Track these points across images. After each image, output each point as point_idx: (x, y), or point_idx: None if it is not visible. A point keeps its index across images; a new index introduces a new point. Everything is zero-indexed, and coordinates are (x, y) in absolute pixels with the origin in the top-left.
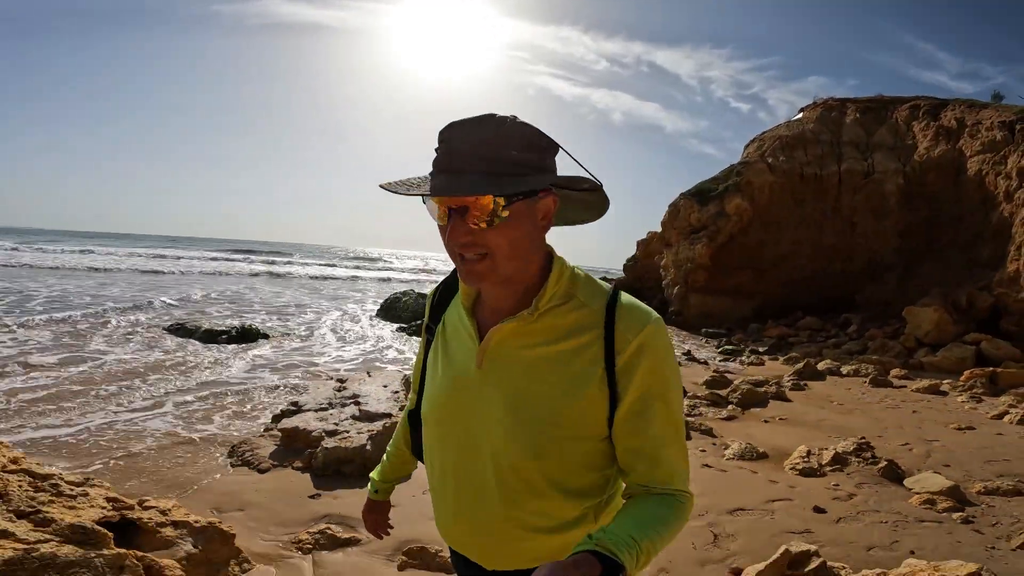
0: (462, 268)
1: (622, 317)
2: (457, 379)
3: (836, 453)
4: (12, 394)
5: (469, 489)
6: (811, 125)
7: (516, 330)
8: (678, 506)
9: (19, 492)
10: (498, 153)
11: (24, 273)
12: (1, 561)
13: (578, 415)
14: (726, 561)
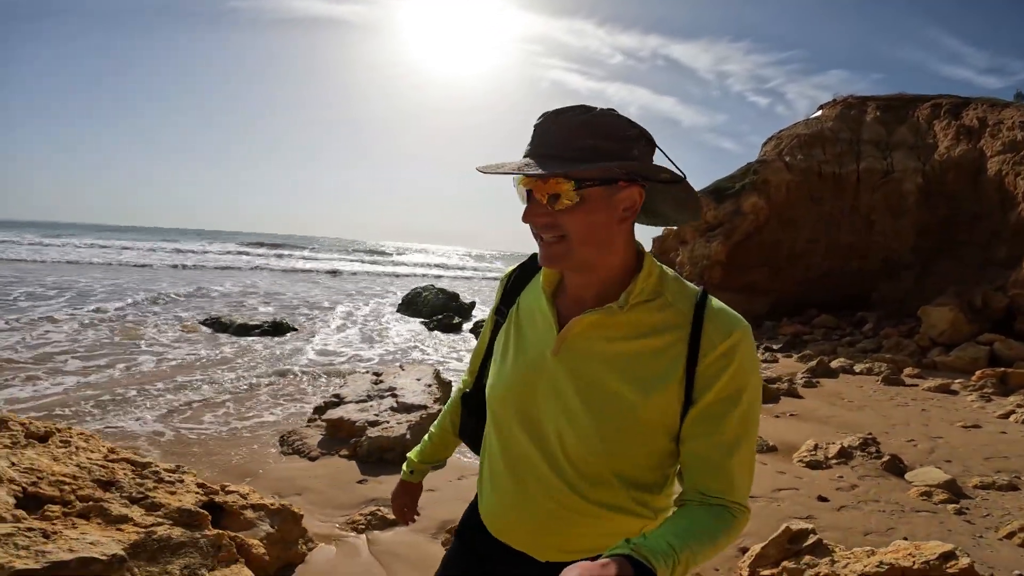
0: (541, 250)
1: (711, 319)
2: (530, 364)
3: (842, 447)
4: (77, 390)
5: (532, 477)
6: (830, 123)
7: (598, 322)
8: (729, 518)
9: (128, 480)
10: (576, 139)
11: (52, 268)
12: (129, 544)
13: (652, 414)
14: (735, 542)
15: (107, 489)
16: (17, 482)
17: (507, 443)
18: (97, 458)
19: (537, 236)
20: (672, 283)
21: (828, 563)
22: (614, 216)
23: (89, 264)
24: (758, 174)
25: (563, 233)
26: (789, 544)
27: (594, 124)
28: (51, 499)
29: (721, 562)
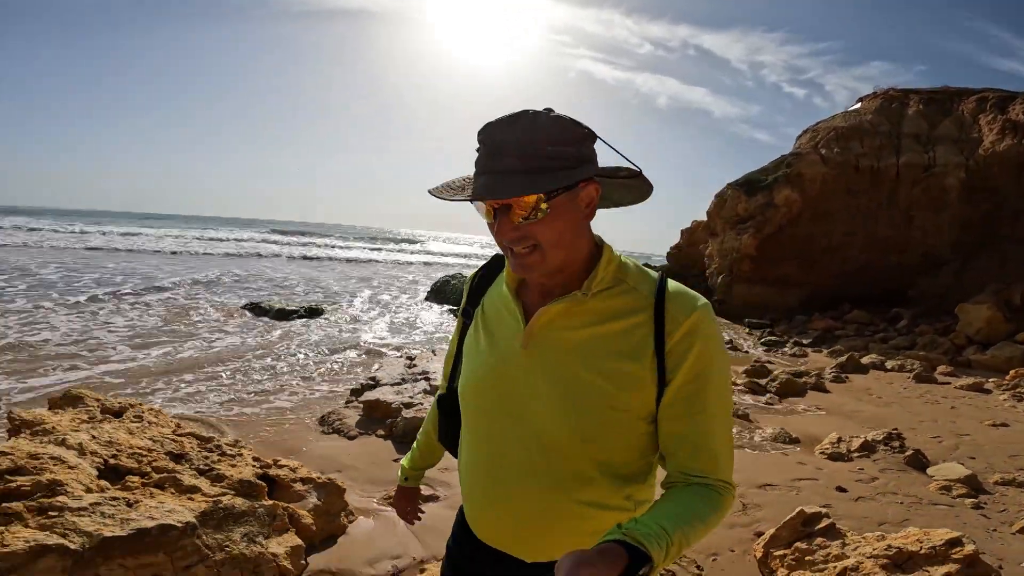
0: (513, 261)
1: (672, 300)
2: (500, 360)
3: (865, 441)
4: (135, 371)
5: (510, 473)
6: (869, 116)
7: (564, 311)
8: (716, 497)
9: (195, 453)
10: (535, 150)
11: (95, 256)
12: (199, 512)
13: (627, 396)
14: (751, 526)
15: (178, 461)
16: (99, 455)
17: (482, 442)
18: (167, 432)
19: (506, 249)
20: (633, 269)
21: (839, 546)
22: (578, 216)
23: (132, 252)
24: (792, 167)
25: (535, 243)
26: (802, 527)
27: (547, 131)
28: (130, 470)
29: (736, 544)
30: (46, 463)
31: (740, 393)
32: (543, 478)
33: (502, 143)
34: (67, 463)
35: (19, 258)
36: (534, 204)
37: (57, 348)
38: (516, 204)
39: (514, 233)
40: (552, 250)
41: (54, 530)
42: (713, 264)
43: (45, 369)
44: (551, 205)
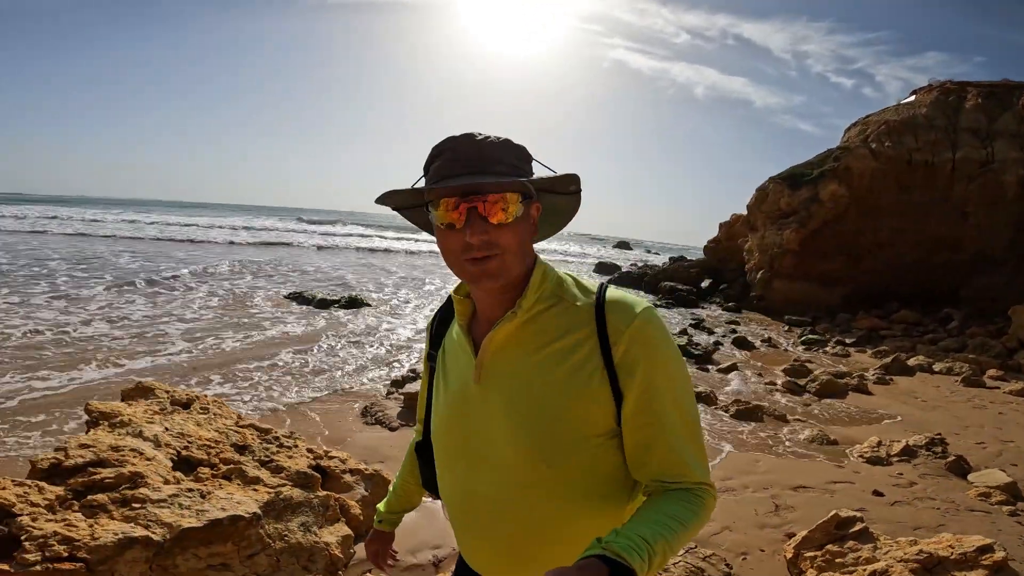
0: (473, 270)
1: (612, 309)
2: (457, 397)
3: (906, 445)
4: (186, 362)
5: (485, 508)
6: (924, 109)
7: (508, 339)
8: (696, 500)
9: (257, 444)
10: (508, 157)
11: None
12: (263, 503)
13: (583, 413)
14: (783, 527)
15: (242, 453)
16: (172, 446)
17: (456, 483)
18: (230, 424)
19: (465, 260)
20: (570, 285)
21: (870, 549)
22: (530, 230)
23: (163, 241)
24: (839, 161)
25: (499, 250)
26: (835, 530)
27: (510, 147)
28: (200, 462)
29: (766, 544)
30: (127, 455)
31: (778, 392)
32: (517, 511)
33: (477, 152)
34: (145, 455)
35: (97, 247)
36: (512, 206)
37: (118, 340)
38: (494, 208)
39: (484, 236)
40: (512, 258)
41: (138, 522)
42: (752, 259)
43: (120, 357)
44: (519, 211)
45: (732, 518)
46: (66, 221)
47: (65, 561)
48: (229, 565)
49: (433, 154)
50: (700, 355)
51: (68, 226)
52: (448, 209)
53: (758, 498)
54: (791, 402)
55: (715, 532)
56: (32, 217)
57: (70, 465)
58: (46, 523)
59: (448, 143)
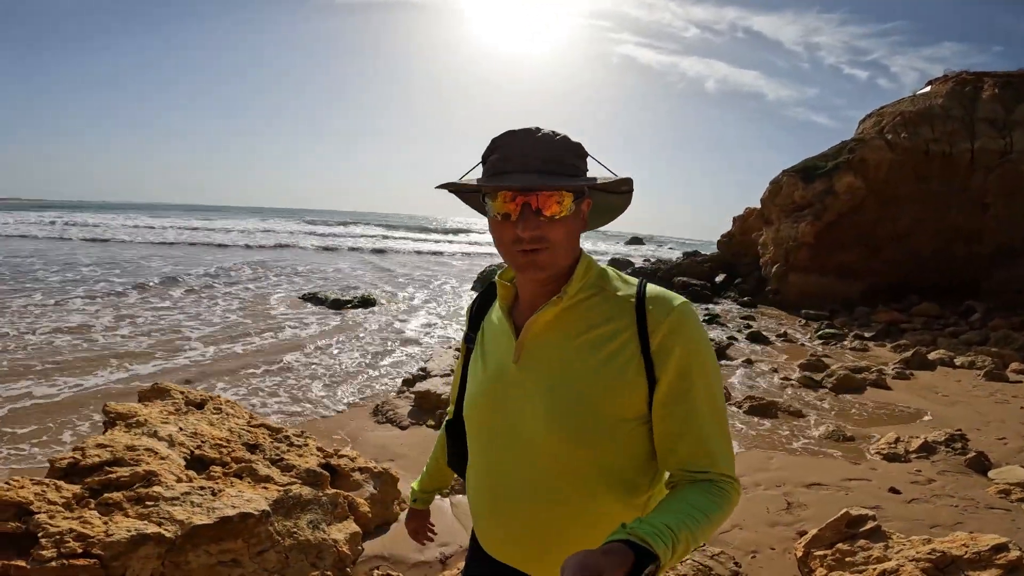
0: (522, 260)
1: (652, 302)
2: (496, 378)
3: (925, 441)
4: (204, 364)
5: (512, 488)
6: (940, 100)
7: (550, 323)
8: (720, 493)
9: (267, 443)
10: (563, 157)
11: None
12: (272, 501)
13: (617, 398)
14: (795, 525)
15: (253, 451)
16: (186, 446)
17: (484, 461)
18: (242, 423)
19: (516, 250)
20: (613, 277)
21: (882, 548)
22: (580, 224)
23: (181, 245)
24: (854, 152)
25: (548, 244)
26: (846, 528)
27: (569, 144)
28: (212, 460)
29: (777, 542)
30: (142, 454)
31: (793, 388)
32: (545, 492)
33: (534, 146)
34: (159, 454)
35: (127, 252)
36: (567, 202)
37: (142, 340)
38: (549, 201)
39: (536, 231)
40: (562, 251)
41: (151, 519)
42: (767, 253)
43: (145, 358)
44: (571, 209)
45: (743, 516)
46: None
47: (80, 558)
48: (239, 561)
49: (491, 147)
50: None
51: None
52: (505, 201)
53: (770, 495)
54: (807, 397)
55: (725, 530)
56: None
57: (87, 464)
58: (63, 521)
59: (507, 138)
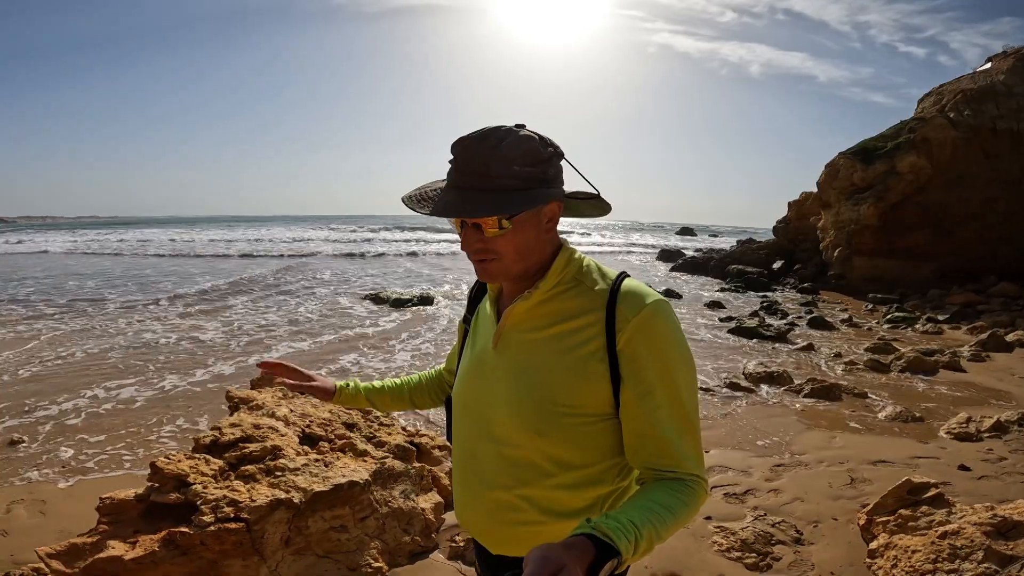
0: (477, 268)
1: (623, 299)
2: (477, 360)
3: (998, 421)
4: (302, 352)
5: (478, 468)
6: (1002, 76)
7: (525, 314)
8: (687, 491)
9: (362, 423)
10: (502, 170)
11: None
12: (371, 472)
13: (579, 393)
14: (858, 499)
15: (351, 429)
16: (298, 425)
17: (460, 437)
18: (338, 407)
19: (471, 258)
20: (592, 270)
21: (944, 514)
22: (540, 229)
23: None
24: (915, 132)
25: (496, 255)
26: (907, 495)
27: (514, 151)
28: (320, 437)
29: (840, 513)
30: (266, 432)
31: (859, 371)
32: (505, 475)
33: (470, 161)
34: (279, 431)
35: (220, 265)
36: (497, 222)
37: (246, 339)
38: (484, 221)
39: (478, 244)
40: (511, 260)
41: (280, 487)
42: (828, 237)
43: (247, 353)
44: (514, 222)
45: (804, 490)
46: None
47: (231, 522)
48: (346, 527)
49: (451, 152)
50: (772, 336)
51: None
52: (450, 220)
53: (833, 471)
54: (873, 380)
55: (786, 502)
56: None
57: (225, 441)
58: (215, 490)
59: (454, 148)
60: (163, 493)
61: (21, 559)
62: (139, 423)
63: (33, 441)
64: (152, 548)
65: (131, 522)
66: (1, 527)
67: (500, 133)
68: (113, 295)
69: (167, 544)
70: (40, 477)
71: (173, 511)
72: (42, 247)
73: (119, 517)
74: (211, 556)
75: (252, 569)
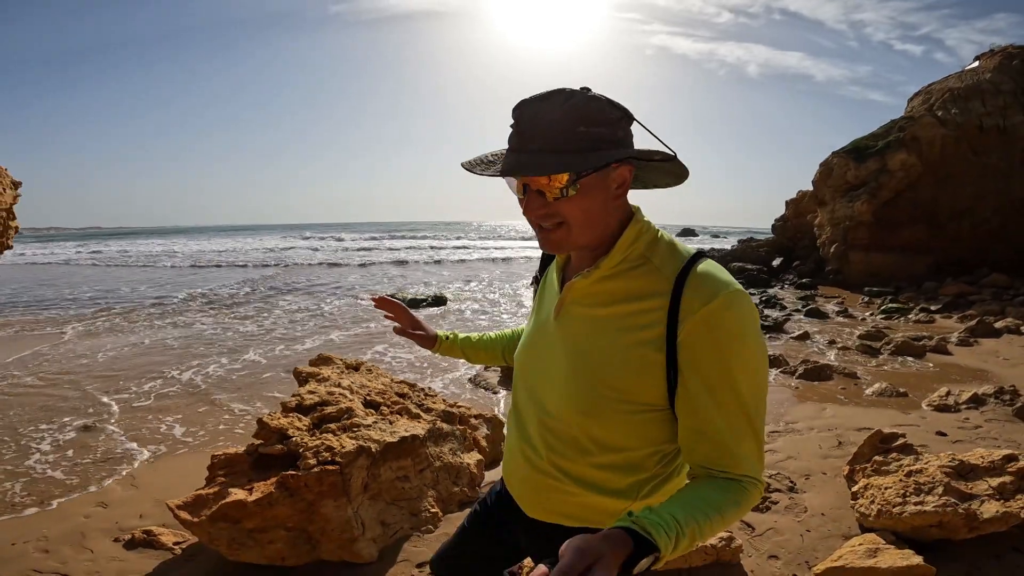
0: (540, 237)
1: (692, 284)
2: (539, 328)
3: (975, 394)
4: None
5: (525, 432)
6: (988, 75)
7: (587, 289)
8: (740, 491)
9: (412, 393)
10: (567, 129)
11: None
12: (426, 431)
13: (631, 379)
14: (844, 458)
15: (403, 398)
16: (360, 393)
17: (515, 402)
18: (388, 381)
19: (535, 227)
20: (665, 247)
21: (912, 459)
22: (608, 196)
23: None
24: (905, 131)
25: (562, 220)
26: (880, 443)
27: (581, 111)
28: (379, 403)
29: (828, 469)
30: (338, 397)
31: (851, 355)
32: (547, 441)
33: (534, 121)
34: (348, 397)
35: (249, 275)
36: (564, 184)
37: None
38: (545, 182)
39: (542, 210)
40: (578, 228)
41: (359, 440)
42: (824, 233)
43: (297, 339)
44: (581, 185)
45: (796, 450)
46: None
47: (329, 464)
48: (408, 477)
49: (512, 116)
50: (770, 326)
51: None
52: (514, 182)
53: (822, 436)
54: (864, 362)
55: (780, 460)
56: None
57: (307, 404)
58: (312, 440)
59: (515, 111)
60: (269, 445)
61: (126, 526)
62: (203, 403)
63: (113, 421)
64: (268, 491)
65: (243, 473)
66: (100, 500)
67: (565, 93)
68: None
69: (280, 487)
70: (125, 452)
71: (277, 461)
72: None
73: (233, 469)
74: (311, 497)
75: (342, 509)
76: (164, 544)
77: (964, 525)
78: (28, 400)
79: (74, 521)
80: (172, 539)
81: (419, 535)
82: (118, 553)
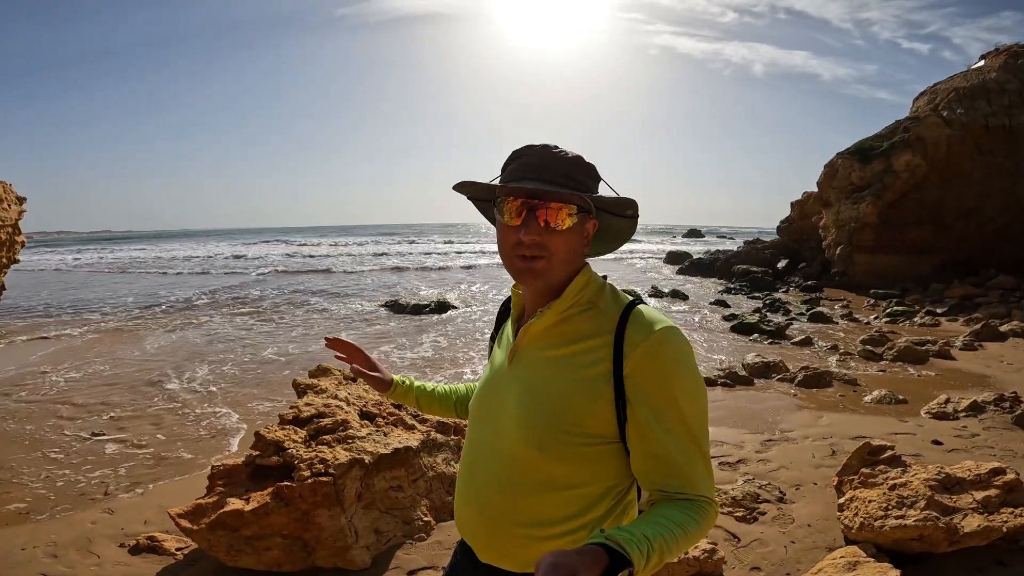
0: (520, 265)
1: (633, 323)
2: (495, 375)
3: (974, 402)
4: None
5: (481, 477)
6: (994, 74)
7: (541, 333)
8: (698, 510)
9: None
10: (575, 173)
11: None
12: (420, 442)
13: (584, 409)
14: (836, 468)
15: (399, 409)
16: (356, 404)
17: (469, 448)
18: None
19: (515, 255)
20: (609, 293)
21: (899, 472)
22: (582, 242)
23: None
24: (910, 131)
25: (547, 253)
26: (868, 455)
27: (579, 163)
28: (375, 414)
29: (819, 479)
30: (335, 409)
31: (853, 360)
32: (505, 488)
33: (552, 158)
34: (344, 409)
35: (282, 282)
36: (568, 214)
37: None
38: (557, 209)
39: (537, 237)
40: (558, 263)
41: (353, 451)
42: (829, 235)
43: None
44: (575, 222)
45: (789, 460)
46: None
47: (323, 476)
48: (402, 487)
49: (511, 157)
50: (772, 331)
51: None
52: (511, 207)
53: (816, 445)
54: (865, 368)
55: (772, 469)
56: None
57: (304, 416)
58: (306, 452)
59: (526, 150)
60: (265, 457)
61: (131, 531)
62: (197, 412)
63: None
64: (264, 501)
65: (241, 483)
66: (107, 507)
67: (560, 148)
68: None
69: (275, 497)
70: (132, 463)
71: (273, 472)
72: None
73: (231, 479)
74: (305, 507)
75: (335, 518)
76: (167, 549)
77: (944, 539)
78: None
79: (82, 527)
80: (174, 545)
81: (412, 543)
82: (123, 558)
